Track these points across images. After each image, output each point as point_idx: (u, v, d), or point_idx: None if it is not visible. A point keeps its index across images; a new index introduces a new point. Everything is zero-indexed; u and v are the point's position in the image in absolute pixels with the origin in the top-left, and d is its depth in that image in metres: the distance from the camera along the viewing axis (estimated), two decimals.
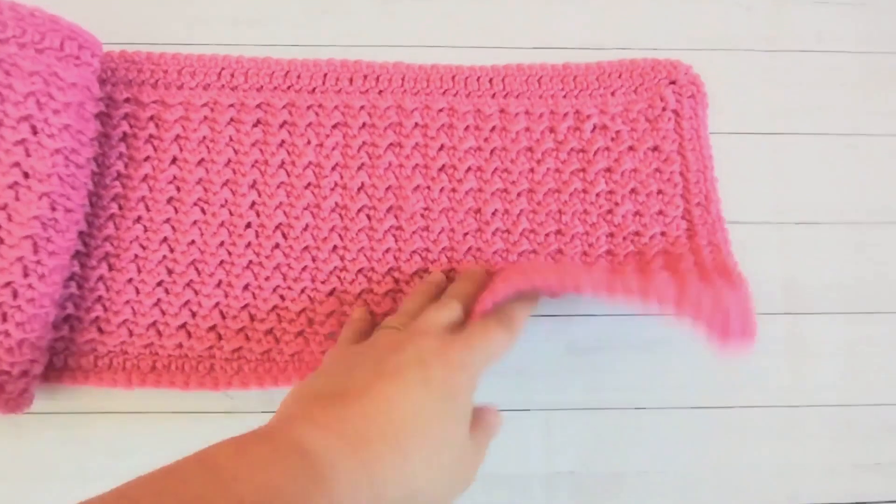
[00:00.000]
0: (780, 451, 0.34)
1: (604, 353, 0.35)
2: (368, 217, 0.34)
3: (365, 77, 0.36)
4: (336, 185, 0.35)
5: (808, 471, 0.34)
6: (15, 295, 0.30)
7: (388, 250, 0.34)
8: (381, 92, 0.36)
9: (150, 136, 0.35)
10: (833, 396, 0.35)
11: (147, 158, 0.35)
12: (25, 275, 0.30)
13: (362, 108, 0.36)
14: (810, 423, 0.34)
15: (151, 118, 0.35)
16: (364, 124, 0.35)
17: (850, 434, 0.34)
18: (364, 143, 0.35)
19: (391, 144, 0.35)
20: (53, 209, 0.31)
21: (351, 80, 0.36)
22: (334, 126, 0.35)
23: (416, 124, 0.35)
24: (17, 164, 0.31)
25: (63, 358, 0.32)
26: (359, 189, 0.35)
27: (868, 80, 0.39)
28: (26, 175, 0.31)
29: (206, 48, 0.37)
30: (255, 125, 0.35)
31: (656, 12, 0.39)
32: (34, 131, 0.31)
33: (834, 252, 0.36)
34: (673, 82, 0.36)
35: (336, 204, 0.34)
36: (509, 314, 0.28)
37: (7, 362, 0.30)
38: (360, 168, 0.35)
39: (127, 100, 0.36)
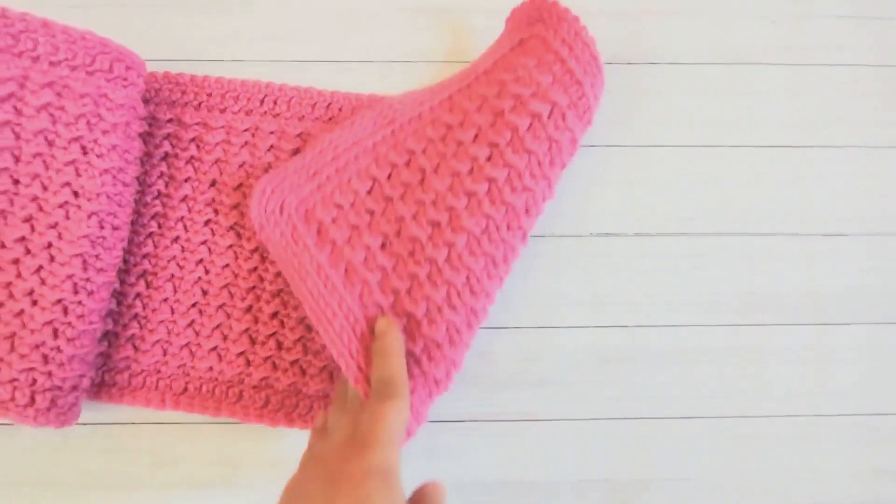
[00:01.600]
0: (804, 459, 0.35)
1: (633, 363, 0.36)
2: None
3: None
4: None
5: (831, 478, 0.35)
6: (66, 312, 0.31)
7: None
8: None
9: (192, 157, 0.36)
10: (856, 405, 0.36)
11: (187, 179, 0.36)
12: (76, 292, 0.31)
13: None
14: (834, 430, 0.36)
15: (193, 139, 0.36)
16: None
17: (872, 441, 0.36)
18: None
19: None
20: (102, 227, 0.32)
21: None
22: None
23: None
24: (67, 184, 0.31)
25: (101, 374, 0.34)
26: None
27: (890, 93, 0.40)
28: (76, 194, 0.32)
29: (239, 64, 0.38)
30: (293, 153, 0.36)
31: (678, 27, 0.40)
32: (84, 151, 0.32)
33: (858, 262, 0.38)
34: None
35: None
36: (388, 380, 0.28)
37: (59, 377, 0.31)
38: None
39: (170, 120, 0.36)
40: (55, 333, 0.31)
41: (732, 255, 0.37)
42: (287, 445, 0.34)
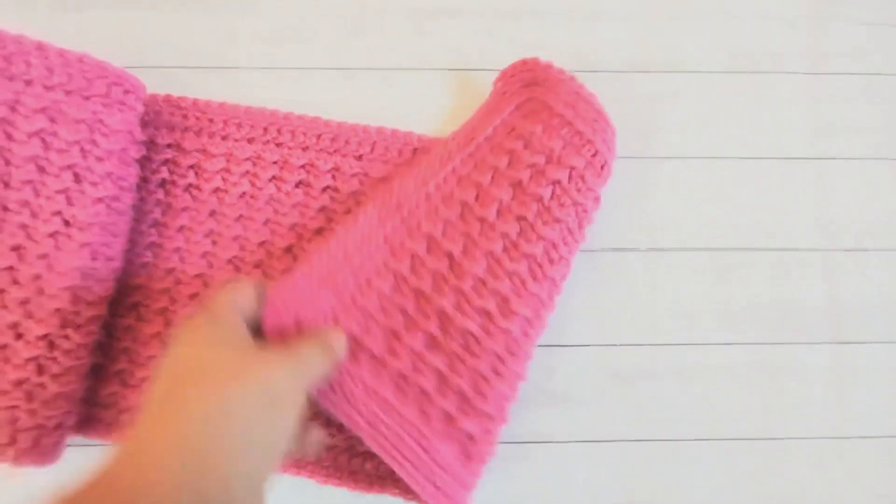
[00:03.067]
0: (827, 482, 0.35)
1: (648, 382, 0.35)
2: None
3: (414, 150, 0.35)
4: None
5: (853, 502, 0.35)
6: (52, 346, 0.30)
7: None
8: None
9: (190, 184, 0.35)
10: (879, 426, 0.35)
11: (185, 209, 0.34)
12: (63, 326, 0.30)
13: None
14: (857, 452, 0.35)
15: (192, 166, 0.35)
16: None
17: None
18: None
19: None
20: (94, 258, 0.31)
21: (400, 152, 0.35)
22: None
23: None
24: (58, 213, 0.30)
25: (86, 409, 0.32)
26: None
27: None
28: (67, 223, 0.30)
29: (238, 71, 0.37)
30: (297, 185, 0.35)
31: (699, 32, 0.39)
32: (77, 179, 0.31)
33: (879, 278, 0.37)
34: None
35: None
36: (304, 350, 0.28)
37: (43, 415, 0.30)
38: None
39: (169, 145, 0.35)
40: (39, 369, 0.30)
41: (749, 271, 0.36)
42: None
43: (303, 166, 0.35)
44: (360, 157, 0.35)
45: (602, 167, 0.33)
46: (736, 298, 0.36)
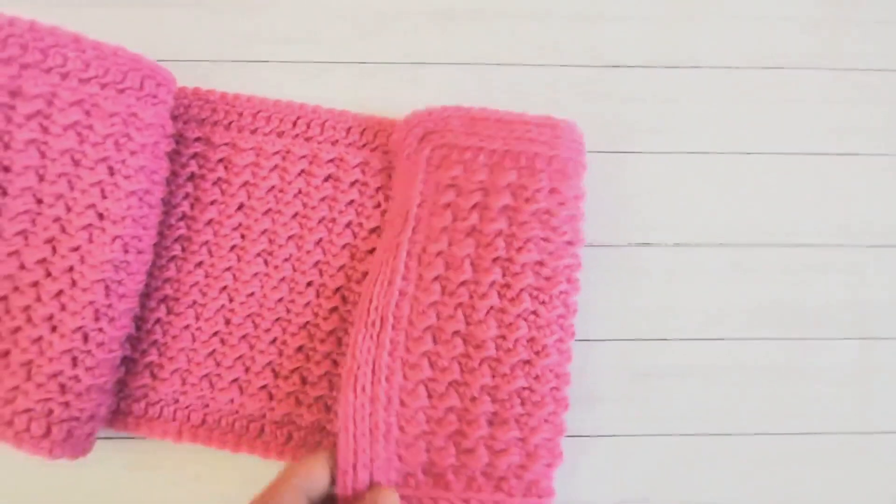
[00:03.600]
0: (851, 478, 0.35)
1: (672, 378, 0.35)
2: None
3: None
4: None
5: (879, 498, 0.34)
6: (86, 339, 0.30)
7: None
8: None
9: (219, 178, 0.35)
10: None
11: (213, 202, 0.35)
12: (97, 319, 0.30)
13: None
14: (880, 449, 0.35)
15: (221, 160, 0.35)
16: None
17: None
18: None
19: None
20: (126, 251, 0.31)
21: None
22: None
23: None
24: (92, 206, 0.30)
25: (116, 401, 0.32)
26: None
27: None
28: (101, 217, 0.30)
29: (258, 65, 0.37)
30: (325, 180, 0.35)
31: (717, 29, 0.39)
32: (111, 172, 0.31)
33: None
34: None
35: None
36: None
37: (77, 408, 0.30)
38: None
39: (198, 139, 0.35)
40: (74, 362, 0.30)
41: (774, 267, 0.36)
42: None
43: (332, 160, 0.35)
44: (388, 152, 0.35)
45: (551, 160, 0.32)
46: (760, 295, 0.36)
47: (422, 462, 0.30)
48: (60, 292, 0.30)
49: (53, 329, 0.30)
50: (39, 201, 0.30)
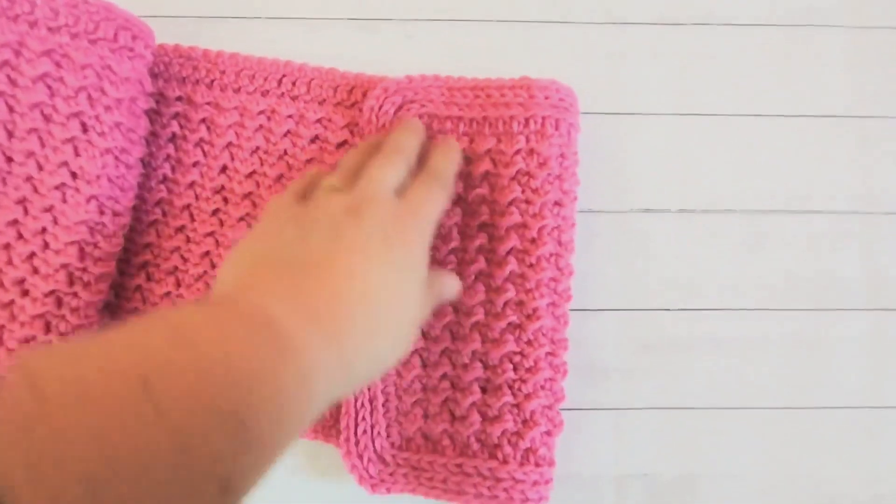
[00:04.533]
0: (862, 454, 0.33)
1: (677, 350, 0.34)
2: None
3: None
4: None
5: (891, 473, 0.33)
6: (59, 304, 0.28)
7: None
8: None
9: (201, 139, 0.33)
10: None
11: (196, 164, 0.33)
12: (70, 283, 0.29)
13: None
14: (894, 423, 0.33)
15: (203, 121, 0.33)
16: None
17: None
18: None
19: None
20: (101, 213, 0.29)
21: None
22: None
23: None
24: (65, 164, 0.29)
25: None
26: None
27: None
28: (74, 175, 0.29)
29: (252, 21, 0.35)
30: (312, 141, 0.33)
31: None
32: (84, 129, 0.29)
33: None
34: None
35: None
36: (440, 171, 0.29)
37: None
38: None
39: (179, 98, 0.33)
40: (47, 327, 0.28)
41: (785, 235, 0.35)
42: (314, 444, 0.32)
43: (318, 121, 0.33)
44: (379, 110, 0.33)
45: (527, 122, 0.31)
46: (770, 263, 0.34)
47: (419, 427, 0.30)
48: (32, 255, 0.29)
49: (25, 293, 0.28)
50: (9, 159, 0.29)
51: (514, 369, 0.29)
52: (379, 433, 0.30)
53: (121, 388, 0.16)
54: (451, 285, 0.29)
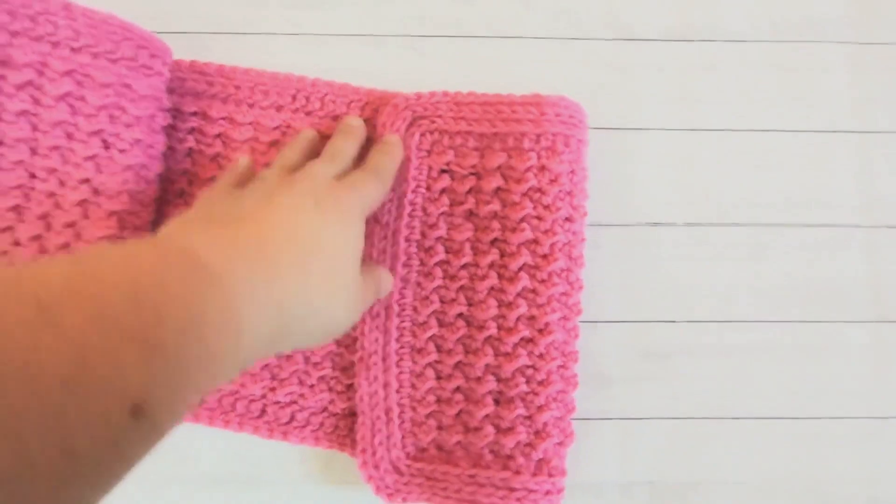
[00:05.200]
0: (865, 463, 0.34)
1: (681, 359, 0.34)
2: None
3: None
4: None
5: (893, 483, 0.34)
6: None
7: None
8: None
9: (217, 154, 0.34)
10: None
11: (212, 178, 0.34)
12: None
13: None
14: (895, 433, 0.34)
15: (219, 135, 0.34)
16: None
17: None
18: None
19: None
20: (122, 228, 0.30)
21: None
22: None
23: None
24: (87, 181, 0.29)
25: None
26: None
27: None
28: (96, 192, 0.30)
29: (261, 37, 0.36)
30: None
31: (734, 1, 0.37)
32: (105, 146, 0.30)
33: None
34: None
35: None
36: (377, 165, 0.30)
37: None
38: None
39: (194, 113, 0.34)
40: None
41: (788, 248, 0.35)
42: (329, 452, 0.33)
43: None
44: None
45: (538, 139, 0.31)
46: (774, 275, 0.35)
47: (433, 439, 0.31)
48: None
49: None
50: (32, 176, 0.30)
51: (527, 382, 0.30)
52: (394, 444, 0.30)
53: (13, 307, 0.16)
54: (386, 279, 0.31)
